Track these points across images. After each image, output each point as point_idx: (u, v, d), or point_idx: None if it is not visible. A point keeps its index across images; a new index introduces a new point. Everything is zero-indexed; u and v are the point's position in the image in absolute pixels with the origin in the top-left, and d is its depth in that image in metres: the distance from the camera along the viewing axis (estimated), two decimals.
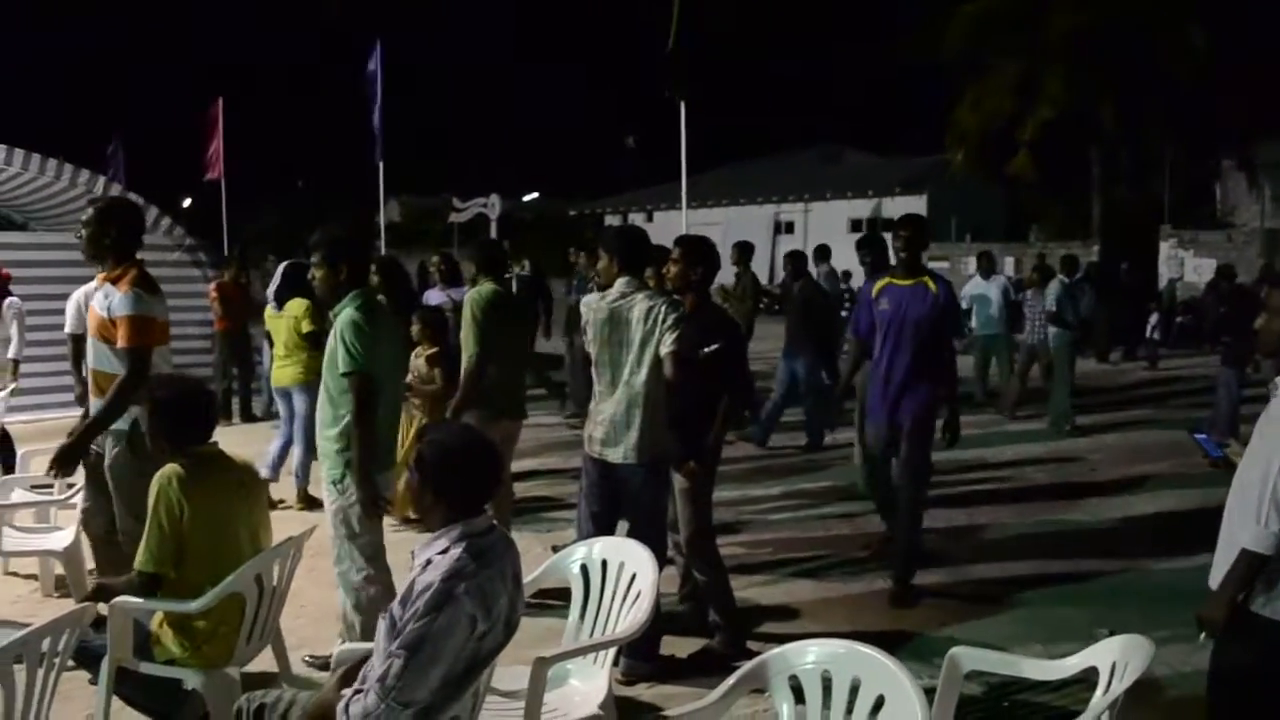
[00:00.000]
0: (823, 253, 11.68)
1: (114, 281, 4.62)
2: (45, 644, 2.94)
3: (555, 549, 6.08)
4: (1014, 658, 3.24)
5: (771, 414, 9.68)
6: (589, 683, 3.41)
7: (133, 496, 4.64)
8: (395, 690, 2.50)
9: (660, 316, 4.38)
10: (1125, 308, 17.66)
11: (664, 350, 4.36)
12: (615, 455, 4.48)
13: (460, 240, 36.89)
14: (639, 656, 4.40)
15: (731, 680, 2.73)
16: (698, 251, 5.09)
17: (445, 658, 2.54)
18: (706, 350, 4.68)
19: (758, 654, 4.72)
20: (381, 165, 18.89)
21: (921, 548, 5.79)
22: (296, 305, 7.32)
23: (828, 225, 32.80)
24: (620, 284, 4.52)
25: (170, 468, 3.58)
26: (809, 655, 2.70)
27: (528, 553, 5.85)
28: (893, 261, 6.15)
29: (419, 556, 2.71)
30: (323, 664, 4.57)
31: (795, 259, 10.41)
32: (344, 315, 4.31)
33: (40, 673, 2.90)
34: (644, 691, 4.42)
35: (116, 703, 3.67)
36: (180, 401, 3.72)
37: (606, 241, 4.73)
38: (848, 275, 17.61)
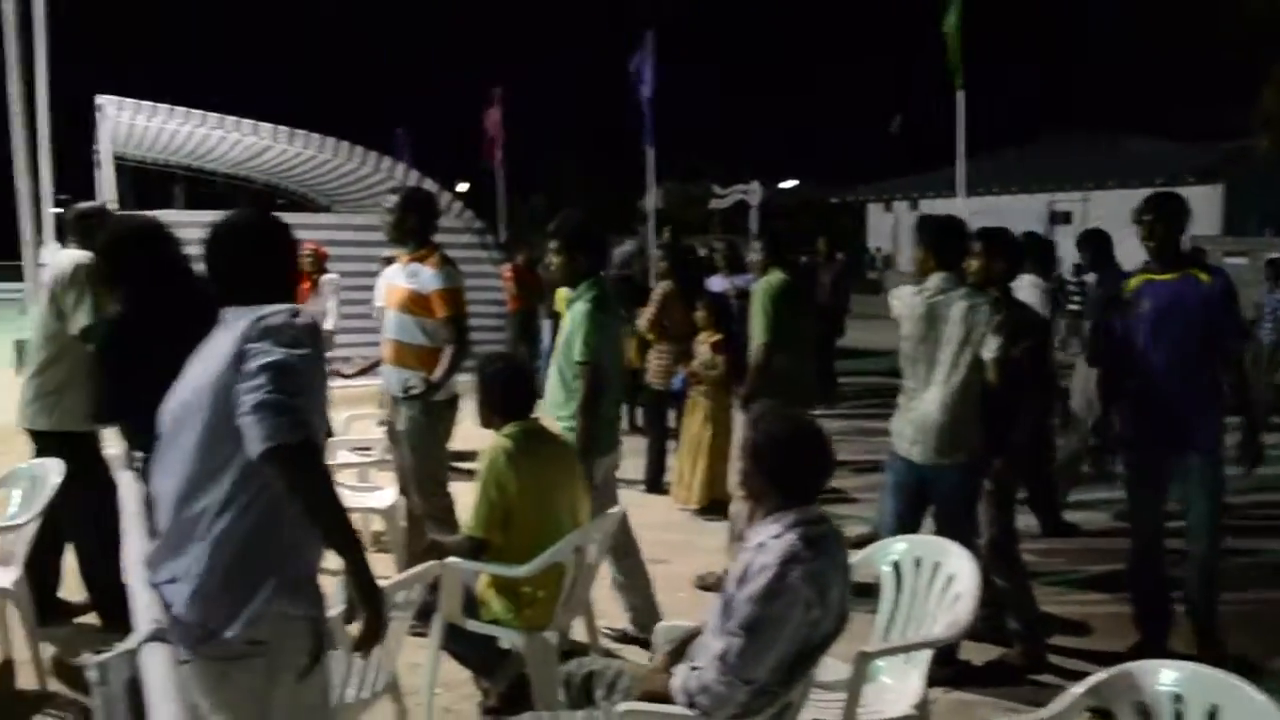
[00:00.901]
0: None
1: (420, 261, 5.06)
2: (399, 596, 3.20)
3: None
4: None
5: None
6: (901, 681, 3.36)
7: (426, 460, 5.03)
8: (735, 668, 2.56)
9: (983, 317, 4.28)
10: None
11: (986, 354, 4.26)
12: (925, 455, 4.40)
13: (722, 227, 37.17)
14: (939, 660, 4.29)
15: (1079, 690, 2.60)
16: (999, 245, 4.92)
17: (782, 640, 2.59)
18: (1016, 350, 4.52)
19: (1056, 667, 4.61)
20: (651, 152, 19.32)
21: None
22: None
23: (1109, 215, 30.68)
24: (937, 279, 4.43)
25: (499, 440, 3.80)
26: (1162, 676, 2.55)
27: None
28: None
29: (751, 539, 2.76)
30: (617, 635, 4.75)
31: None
32: (580, 307, 4.53)
33: (393, 623, 3.16)
34: (940, 696, 4.32)
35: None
36: (508, 377, 3.95)
37: (924, 233, 4.61)
38: (1078, 269, 16.41)
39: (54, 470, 4.35)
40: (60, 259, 4.94)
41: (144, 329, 3.56)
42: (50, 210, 10.67)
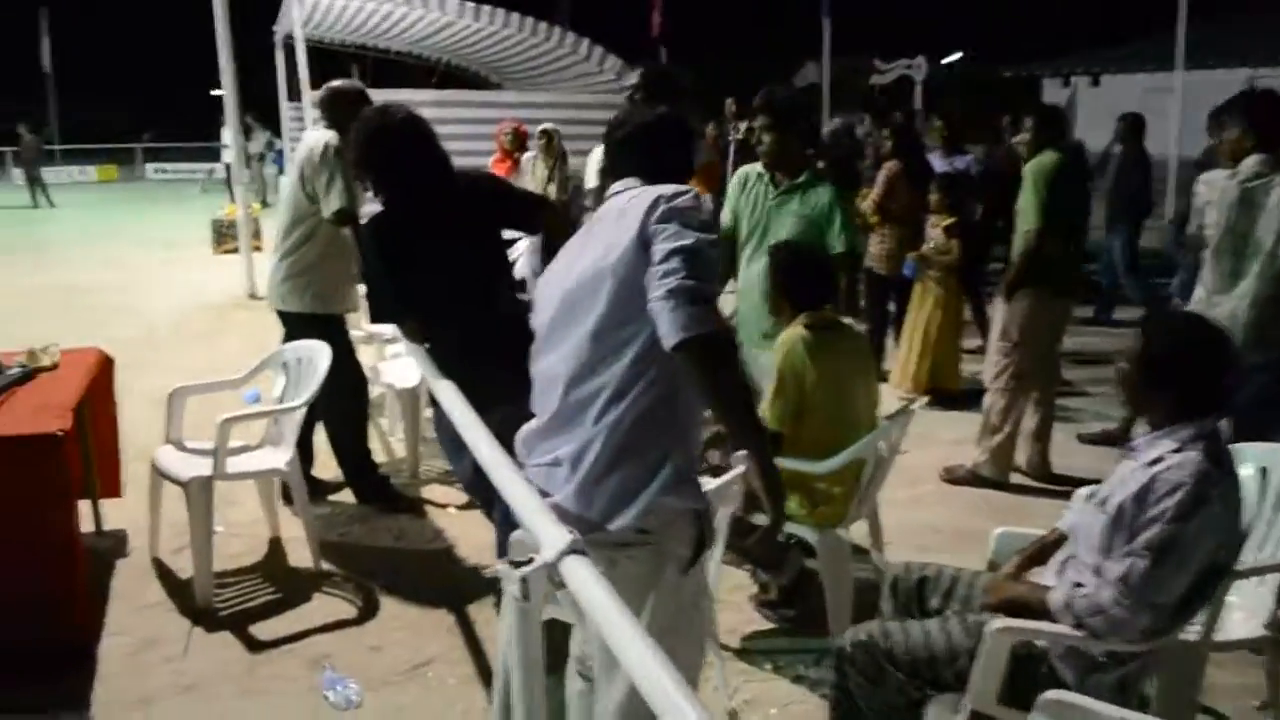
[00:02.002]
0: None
1: None
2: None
3: (1080, 437, 5.92)
4: None
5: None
6: (1249, 601, 3.09)
7: None
8: (1140, 591, 2.34)
9: None
10: None
11: None
12: None
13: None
14: None
15: None
16: None
17: (1193, 564, 2.36)
18: None
19: None
20: (827, 22, 18.54)
21: None
22: None
23: None
24: (1254, 161, 4.01)
25: (795, 331, 3.60)
26: None
27: (1065, 444, 5.59)
28: None
29: (1143, 453, 2.50)
30: None
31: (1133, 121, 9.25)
32: (827, 195, 4.13)
33: None
34: None
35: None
36: (802, 265, 3.72)
37: (1238, 109, 4.17)
38: None
39: (322, 354, 4.35)
40: (309, 139, 4.84)
41: (411, 225, 3.45)
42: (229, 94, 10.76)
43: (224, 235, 14.03)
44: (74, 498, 3.71)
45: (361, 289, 4.86)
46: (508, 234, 3.93)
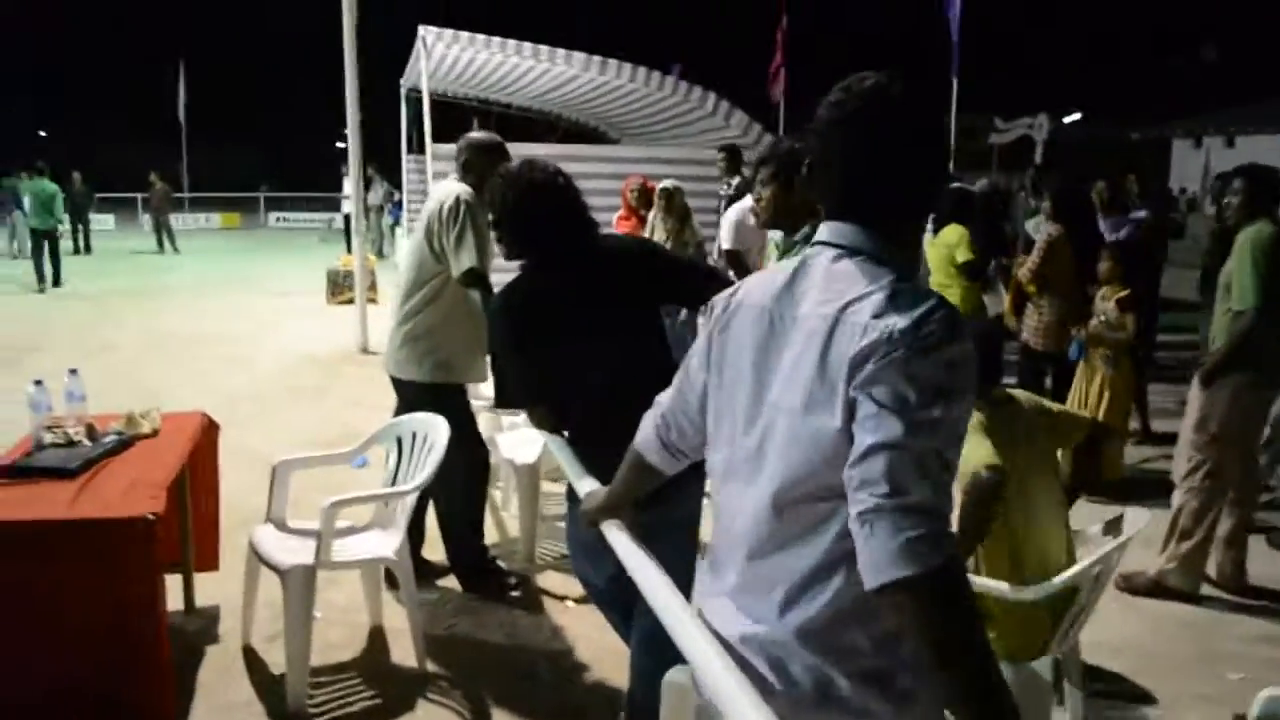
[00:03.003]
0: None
1: None
2: None
3: (1271, 541, 5.27)
4: None
5: None
6: None
7: None
8: None
9: None
10: None
11: None
12: None
13: (998, 164, 34.70)
14: None
15: None
16: None
17: None
18: None
19: None
20: (955, 82, 18.00)
21: None
22: (951, 232, 6.70)
23: None
24: None
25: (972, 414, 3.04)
26: None
27: (1253, 548, 4.86)
28: None
29: None
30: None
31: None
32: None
33: None
34: None
35: None
36: (977, 339, 3.15)
37: None
38: None
39: (442, 431, 3.94)
40: (438, 191, 4.43)
41: (557, 293, 2.99)
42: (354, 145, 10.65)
43: (339, 286, 14.03)
44: (162, 589, 3.33)
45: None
46: None
